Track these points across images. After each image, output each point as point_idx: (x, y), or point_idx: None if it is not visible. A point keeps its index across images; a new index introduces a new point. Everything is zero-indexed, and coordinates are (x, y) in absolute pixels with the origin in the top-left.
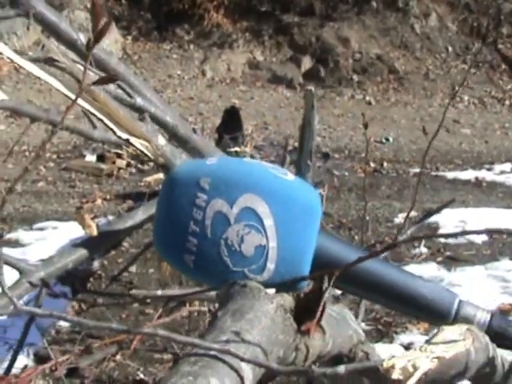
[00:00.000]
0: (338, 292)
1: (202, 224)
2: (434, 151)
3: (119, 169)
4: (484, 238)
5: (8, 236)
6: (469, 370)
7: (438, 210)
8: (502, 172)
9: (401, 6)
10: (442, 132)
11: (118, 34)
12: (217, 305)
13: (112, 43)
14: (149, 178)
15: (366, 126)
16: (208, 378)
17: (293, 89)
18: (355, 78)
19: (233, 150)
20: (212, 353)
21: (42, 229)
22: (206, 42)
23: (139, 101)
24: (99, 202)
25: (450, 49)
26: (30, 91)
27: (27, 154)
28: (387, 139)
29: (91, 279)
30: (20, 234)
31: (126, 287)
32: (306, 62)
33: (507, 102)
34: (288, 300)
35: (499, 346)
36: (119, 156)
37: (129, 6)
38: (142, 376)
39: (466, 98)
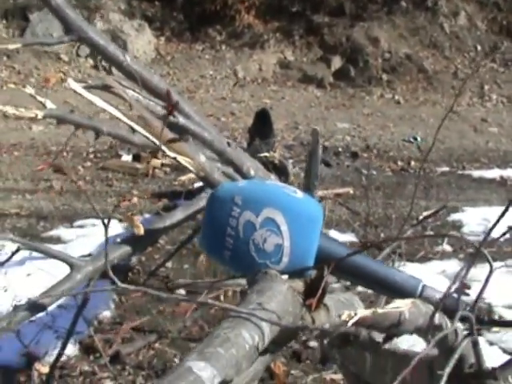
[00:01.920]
0: (348, 283)
1: (236, 229)
2: (461, 150)
3: (154, 168)
4: (506, 235)
5: (50, 233)
6: (402, 324)
7: (429, 216)
8: None
9: (430, 5)
10: (469, 131)
11: (152, 35)
12: (246, 287)
13: (145, 44)
14: (183, 177)
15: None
16: (240, 330)
17: (323, 88)
18: (384, 77)
19: (262, 155)
20: (243, 315)
21: (82, 226)
22: (237, 42)
23: (181, 120)
24: (136, 200)
25: (479, 48)
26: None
27: (65, 154)
28: (415, 138)
29: (130, 274)
30: (61, 232)
31: (163, 281)
32: (336, 62)
33: None
34: (298, 284)
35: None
36: (154, 156)
37: (162, 6)
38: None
39: (494, 96)
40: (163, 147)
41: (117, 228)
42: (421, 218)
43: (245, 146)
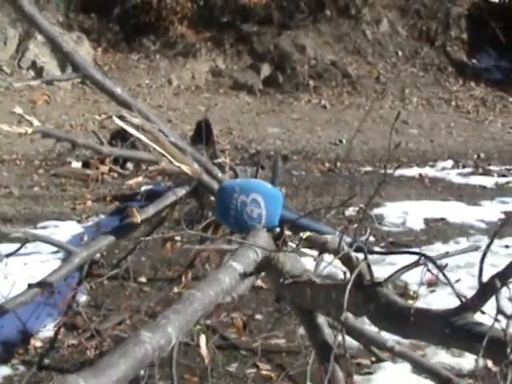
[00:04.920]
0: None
1: (235, 206)
2: (383, 151)
3: (103, 173)
4: (422, 225)
5: (17, 235)
6: (327, 244)
7: (339, 206)
8: (444, 168)
9: (353, 13)
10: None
11: (89, 47)
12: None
13: (84, 55)
14: (130, 182)
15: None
16: (247, 252)
17: (253, 95)
18: (311, 83)
19: (217, 161)
20: (246, 246)
21: (45, 227)
22: (171, 51)
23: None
24: (90, 203)
25: (400, 53)
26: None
27: (18, 162)
28: (341, 141)
29: (96, 266)
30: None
31: (127, 271)
32: (265, 69)
33: (453, 103)
34: (271, 234)
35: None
36: (102, 162)
37: (98, 18)
38: None
39: (414, 99)
40: (170, 158)
41: (76, 228)
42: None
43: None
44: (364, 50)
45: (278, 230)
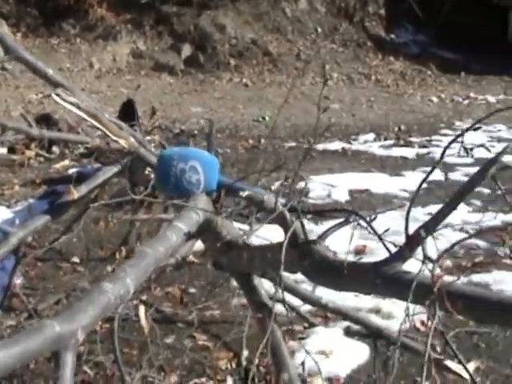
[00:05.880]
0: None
1: (175, 173)
2: (306, 126)
3: (29, 158)
4: (347, 197)
5: None
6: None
7: (272, 171)
8: (366, 141)
9: None
10: (313, 108)
11: (8, 32)
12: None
13: None
14: (57, 165)
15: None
16: (190, 213)
17: (175, 75)
18: (232, 62)
19: (146, 139)
20: (189, 208)
21: None
22: (91, 34)
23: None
24: (17, 188)
25: (320, 30)
26: None
27: None
28: (264, 118)
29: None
30: None
31: (59, 253)
32: (186, 50)
33: (373, 78)
34: (211, 198)
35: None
36: (27, 147)
37: (16, 3)
38: None
39: (335, 75)
40: (109, 133)
41: (6, 213)
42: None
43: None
44: (284, 27)
45: (215, 194)
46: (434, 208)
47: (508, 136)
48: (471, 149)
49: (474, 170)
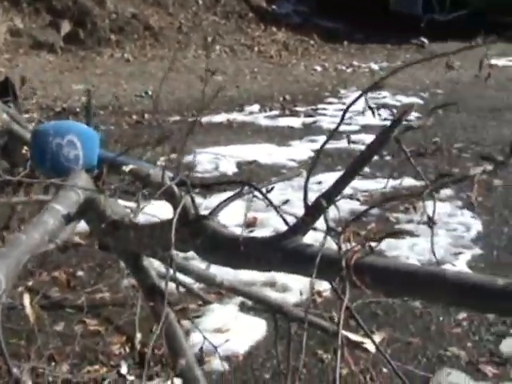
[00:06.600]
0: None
1: (52, 149)
2: (190, 99)
3: None
4: (234, 169)
5: None
6: (150, 177)
7: (156, 145)
8: (251, 113)
9: None
10: (196, 81)
11: None
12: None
13: None
14: None
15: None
16: (68, 193)
17: (55, 53)
18: (113, 37)
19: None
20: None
21: None
22: None
23: None
24: None
25: (201, 2)
26: None
27: None
28: (146, 92)
29: None
30: None
31: None
32: (66, 26)
33: (256, 49)
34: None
35: None
36: None
37: None
38: None
39: (217, 47)
40: None
41: None
42: None
43: None
44: (164, 1)
45: (97, 170)
46: (323, 177)
47: (393, 102)
48: (377, 108)
49: (361, 136)
